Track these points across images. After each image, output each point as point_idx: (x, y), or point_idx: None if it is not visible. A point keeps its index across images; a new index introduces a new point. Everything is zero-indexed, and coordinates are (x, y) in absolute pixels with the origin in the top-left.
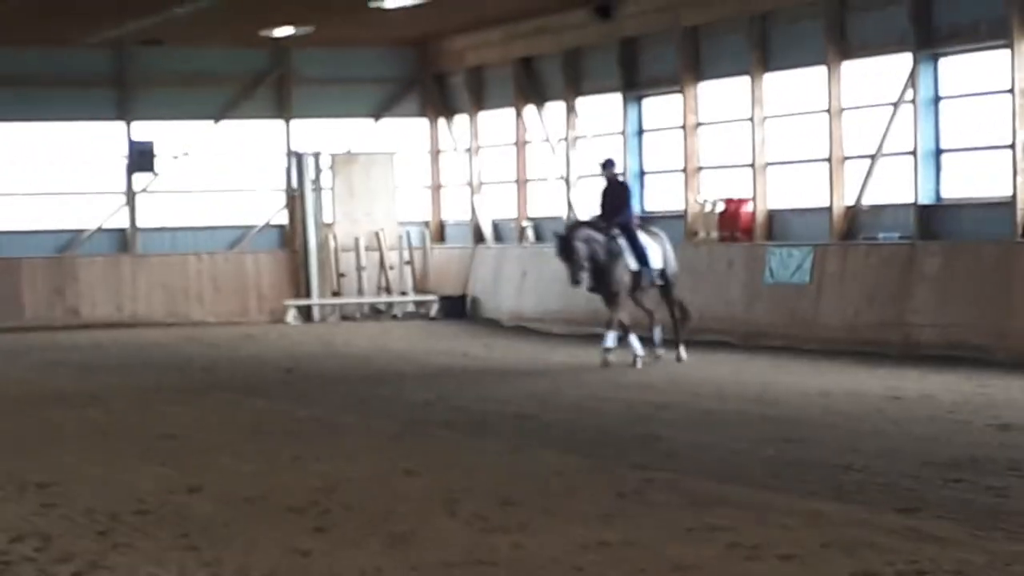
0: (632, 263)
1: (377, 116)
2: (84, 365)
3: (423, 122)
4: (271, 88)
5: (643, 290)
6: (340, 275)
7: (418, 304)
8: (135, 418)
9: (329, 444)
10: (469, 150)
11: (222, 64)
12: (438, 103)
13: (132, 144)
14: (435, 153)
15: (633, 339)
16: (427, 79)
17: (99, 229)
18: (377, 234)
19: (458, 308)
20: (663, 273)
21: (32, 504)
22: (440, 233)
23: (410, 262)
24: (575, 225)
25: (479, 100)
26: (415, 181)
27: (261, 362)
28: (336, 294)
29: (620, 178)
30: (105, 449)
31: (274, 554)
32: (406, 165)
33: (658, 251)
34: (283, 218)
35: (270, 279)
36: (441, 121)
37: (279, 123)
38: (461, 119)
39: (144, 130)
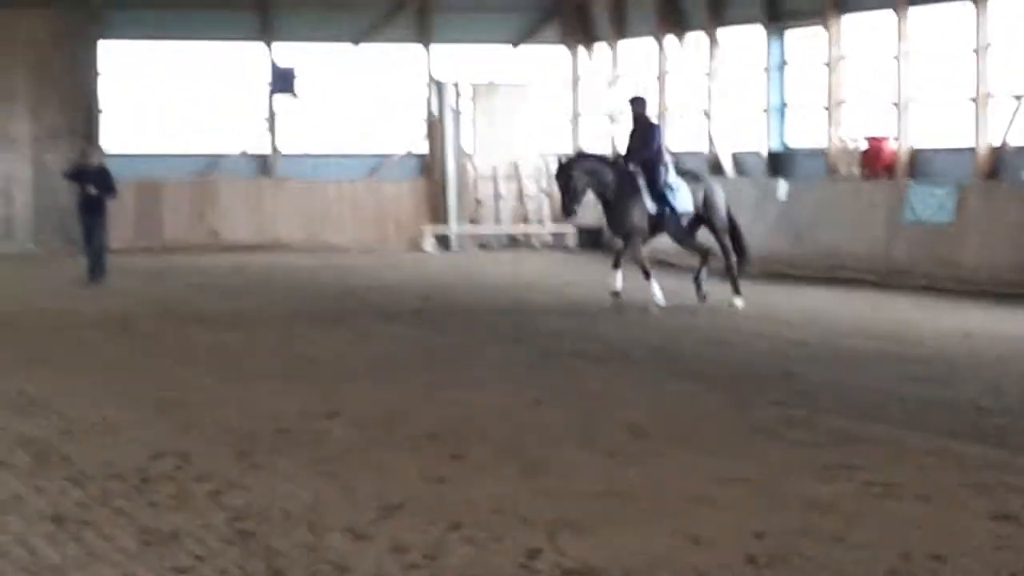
0: (650, 204)
1: (517, 44)
2: (223, 288)
3: (563, 51)
4: (412, 14)
5: (670, 233)
6: (478, 204)
7: (556, 234)
8: (273, 342)
9: (464, 373)
10: (609, 80)
11: None
12: (579, 32)
13: (274, 68)
14: (575, 82)
15: (654, 284)
16: (568, 7)
17: (241, 153)
18: (516, 163)
19: (596, 239)
20: (698, 217)
21: (172, 423)
22: None
23: (549, 192)
24: (581, 155)
25: (620, 30)
26: (554, 110)
27: (398, 290)
28: (474, 223)
29: (649, 116)
30: (244, 371)
31: (409, 480)
32: (545, 94)
33: (687, 194)
34: (423, 146)
35: (408, 206)
36: (581, 50)
37: (420, 50)
38: (601, 48)
39: (286, 53)
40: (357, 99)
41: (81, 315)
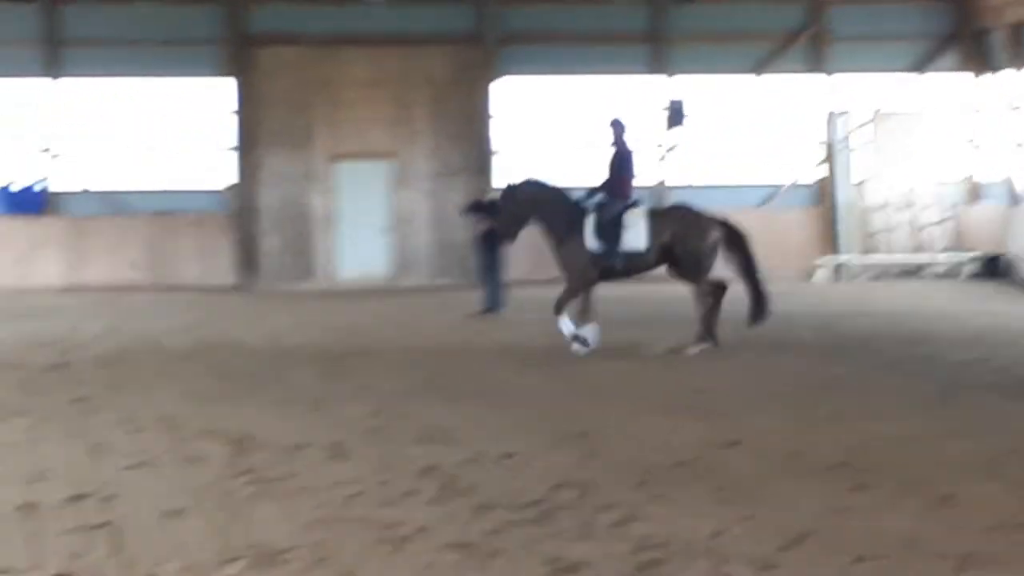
0: (593, 243)
1: (921, 71)
2: (618, 318)
3: (961, 79)
4: (805, 45)
5: (616, 274)
6: (872, 234)
7: (953, 264)
8: (668, 372)
9: (864, 403)
10: (1010, 108)
11: (757, 21)
12: (977, 59)
13: (670, 103)
14: (973, 111)
15: (568, 323)
16: (965, 35)
17: None
18: (911, 192)
19: (995, 269)
20: (648, 255)
21: (572, 454)
22: (977, 192)
23: (945, 221)
24: (530, 182)
25: (1020, 56)
26: (952, 139)
27: (790, 320)
28: (867, 252)
29: (626, 142)
30: (639, 401)
31: (811, 511)
32: (943, 122)
33: (642, 232)
34: (816, 175)
35: (800, 236)
36: (981, 78)
37: (813, 80)
38: (1002, 76)
39: (679, 86)
40: (750, 130)
41: (480, 347)
